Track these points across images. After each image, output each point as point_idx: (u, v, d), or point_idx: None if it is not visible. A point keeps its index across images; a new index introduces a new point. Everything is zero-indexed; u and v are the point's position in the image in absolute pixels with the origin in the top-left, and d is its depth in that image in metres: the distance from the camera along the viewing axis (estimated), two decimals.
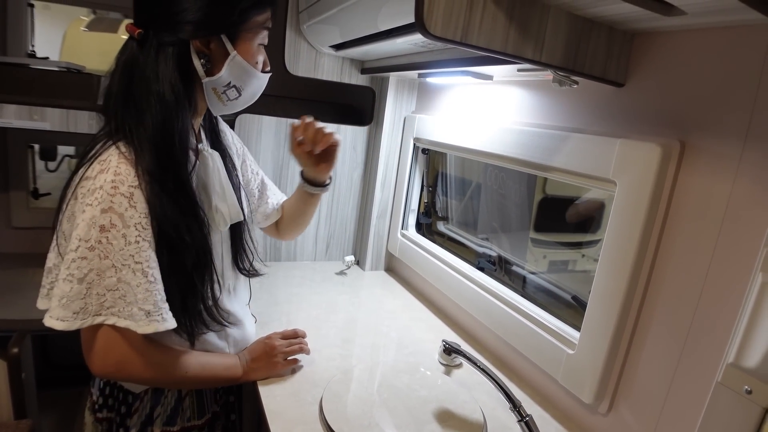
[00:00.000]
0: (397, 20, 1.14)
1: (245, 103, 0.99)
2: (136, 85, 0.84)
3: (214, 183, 0.97)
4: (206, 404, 1.05)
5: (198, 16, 0.84)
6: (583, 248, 1.44)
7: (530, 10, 0.83)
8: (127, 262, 0.80)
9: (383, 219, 1.89)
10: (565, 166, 1.05)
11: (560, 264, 1.51)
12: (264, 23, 0.92)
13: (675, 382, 0.86)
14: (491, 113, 1.37)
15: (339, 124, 1.85)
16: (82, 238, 0.78)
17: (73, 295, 0.79)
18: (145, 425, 0.99)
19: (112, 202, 0.78)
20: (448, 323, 1.52)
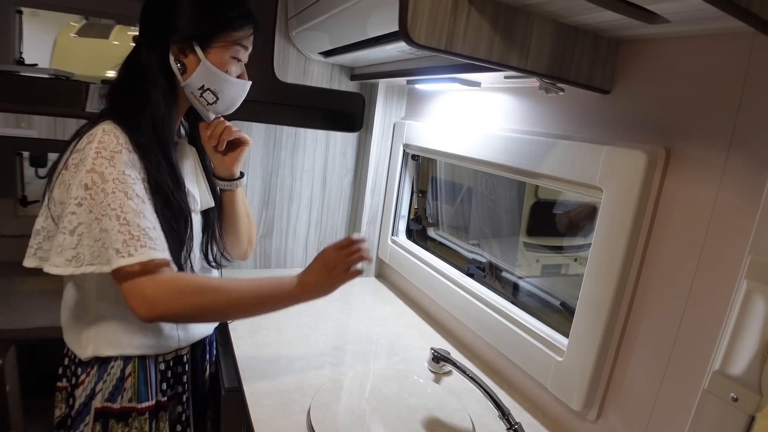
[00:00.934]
0: (385, 27, 1.14)
1: (227, 107, 1.11)
2: (132, 80, 1.00)
3: (187, 170, 1.10)
4: (149, 390, 1.07)
5: (174, 26, 1.00)
6: (576, 252, 1.45)
7: (515, 17, 0.83)
8: (105, 212, 0.89)
9: (373, 225, 1.89)
10: (552, 172, 1.05)
11: (553, 268, 1.52)
12: (238, 40, 1.04)
13: (663, 389, 0.86)
14: (479, 120, 1.37)
15: (329, 131, 1.85)
16: (73, 197, 0.90)
17: (66, 245, 0.90)
18: (89, 398, 1.04)
19: (94, 164, 0.90)
20: (438, 330, 1.52)
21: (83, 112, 1.92)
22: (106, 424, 1.04)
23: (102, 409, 1.03)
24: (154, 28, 1.02)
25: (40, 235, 0.96)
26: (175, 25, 1.00)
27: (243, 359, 1.21)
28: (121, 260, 0.88)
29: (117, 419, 1.04)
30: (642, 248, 0.90)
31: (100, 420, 1.04)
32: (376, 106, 1.78)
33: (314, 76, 1.79)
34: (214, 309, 0.97)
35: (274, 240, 1.86)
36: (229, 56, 1.04)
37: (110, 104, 1.01)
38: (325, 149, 1.85)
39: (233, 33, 1.03)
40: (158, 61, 1.01)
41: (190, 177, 1.10)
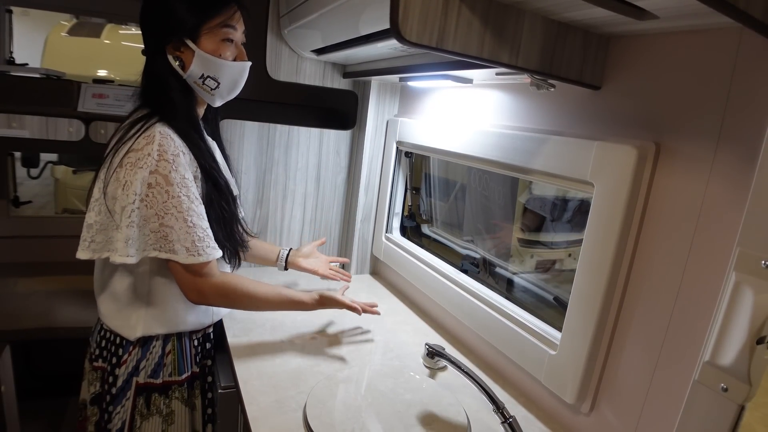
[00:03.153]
0: (377, 25, 1.14)
1: (230, 90, 1.17)
2: (152, 87, 1.12)
3: (218, 160, 1.21)
4: (185, 364, 1.22)
5: (162, 30, 1.08)
6: (569, 247, 1.46)
7: (505, 15, 0.83)
8: (169, 211, 1.03)
9: (368, 223, 1.89)
10: (544, 168, 1.06)
11: (547, 263, 1.53)
12: (222, 22, 1.09)
13: (654, 380, 0.87)
14: (472, 116, 1.38)
15: (322, 129, 1.85)
16: (137, 194, 1.01)
17: (133, 236, 1.03)
18: (132, 375, 1.16)
19: (158, 166, 1.02)
20: (433, 326, 1.53)
21: (75, 111, 1.92)
22: (149, 398, 1.17)
23: (145, 384, 1.17)
24: (150, 37, 1.11)
25: (93, 229, 1.06)
26: (163, 28, 1.08)
27: (238, 357, 1.22)
28: (191, 258, 1.06)
29: (159, 392, 1.18)
30: (633, 242, 0.91)
31: (143, 394, 1.17)
32: (369, 103, 1.78)
33: (307, 74, 1.79)
34: (248, 307, 1.25)
35: (268, 238, 1.86)
36: (220, 39, 1.10)
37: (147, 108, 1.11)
38: (318, 147, 1.86)
39: (216, 16, 1.09)
40: (163, 65, 1.10)
41: (221, 163, 1.24)
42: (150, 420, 1.18)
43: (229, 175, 1.27)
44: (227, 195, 1.18)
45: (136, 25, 2.71)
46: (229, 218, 1.19)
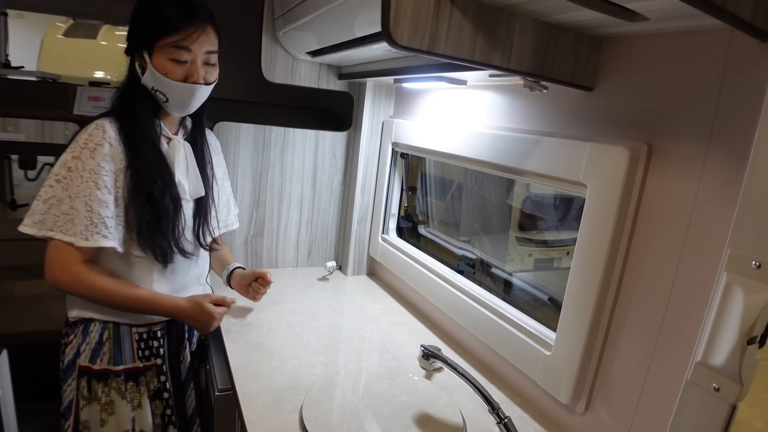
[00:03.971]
0: (371, 27, 1.14)
1: (178, 107, 1.20)
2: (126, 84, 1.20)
3: (179, 162, 1.24)
4: (122, 355, 1.23)
5: (130, 38, 1.17)
6: (568, 246, 1.46)
7: (497, 17, 0.84)
8: (79, 196, 1.09)
9: (364, 224, 1.89)
10: (537, 169, 1.07)
11: (546, 262, 1.53)
12: (173, 42, 1.12)
13: (648, 380, 0.88)
14: (466, 117, 1.38)
15: (318, 130, 1.86)
16: (54, 173, 1.10)
17: (37, 210, 1.10)
18: (75, 356, 1.22)
19: (81, 152, 1.10)
20: (429, 327, 1.53)
21: (71, 114, 1.92)
22: (90, 382, 1.21)
23: (85, 368, 1.21)
24: (128, 40, 1.19)
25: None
26: (132, 36, 1.17)
27: (235, 360, 1.22)
28: (81, 241, 1.10)
29: (97, 379, 1.21)
30: (626, 242, 0.91)
31: (84, 378, 1.21)
32: (365, 104, 1.79)
33: (302, 76, 1.79)
34: (103, 303, 1.18)
35: (264, 240, 1.86)
36: (167, 59, 1.13)
37: (112, 103, 1.20)
38: (314, 149, 1.86)
39: (169, 36, 1.11)
40: (131, 68, 1.18)
41: (181, 169, 1.24)
42: (91, 405, 1.22)
43: (192, 178, 1.27)
44: (155, 196, 1.17)
45: None
46: (153, 218, 1.17)
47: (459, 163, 1.40)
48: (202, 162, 1.32)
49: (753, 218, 0.65)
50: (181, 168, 1.25)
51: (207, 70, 1.19)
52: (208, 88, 1.21)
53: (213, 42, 1.18)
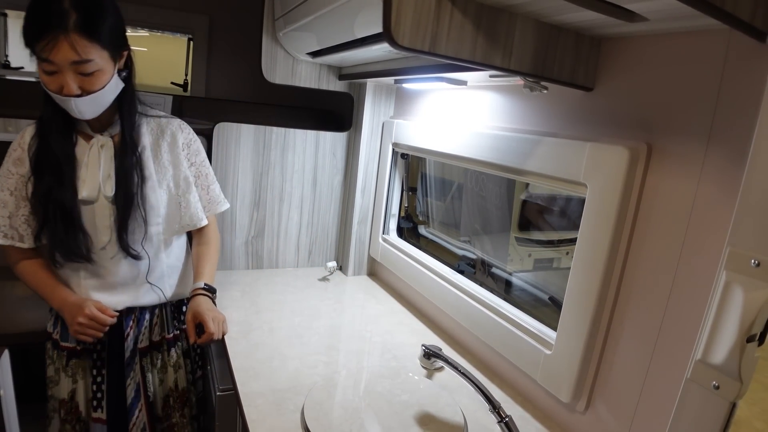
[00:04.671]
0: (371, 28, 1.15)
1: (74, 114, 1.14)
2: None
3: (88, 161, 1.23)
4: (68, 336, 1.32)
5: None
6: (568, 245, 1.47)
7: (497, 18, 0.84)
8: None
9: (364, 224, 1.90)
10: (537, 169, 1.07)
11: (546, 262, 1.54)
12: (38, 53, 1.06)
13: (648, 379, 0.88)
14: (466, 118, 1.39)
15: (318, 131, 1.86)
16: None
17: None
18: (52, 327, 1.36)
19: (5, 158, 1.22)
20: (430, 327, 1.53)
21: None
22: (53, 346, 1.35)
23: (49, 332, 1.36)
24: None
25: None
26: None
27: (236, 360, 1.22)
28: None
29: (53, 345, 1.35)
30: (626, 242, 0.92)
31: (49, 341, 1.36)
32: (365, 105, 1.79)
33: (302, 77, 1.79)
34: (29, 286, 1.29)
35: (265, 241, 1.87)
36: (41, 69, 1.08)
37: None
38: (315, 149, 1.86)
39: (34, 46, 1.05)
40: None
41: (91, 168, 1.23)
42: (54, 365, 1.36)
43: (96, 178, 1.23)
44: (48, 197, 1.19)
45: (132, 27, 2.72)
46: (48, 218, 1.20)
47: (459, 163, 1.41)
48: (123, 161, 1.24)
49: (752, 217, 0.66)
50: (92, 168, 1.23)
51: (83, 80, 1.09)
52: (98, 97, 1.12)
53: (81, 51, 1.05)
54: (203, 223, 1.40)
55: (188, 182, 1.37)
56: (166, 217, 1.35)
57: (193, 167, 1.39)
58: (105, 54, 1.10)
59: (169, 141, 1.34)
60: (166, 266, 1.39)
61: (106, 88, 1.13)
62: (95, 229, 1.25)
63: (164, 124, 1.34)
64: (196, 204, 1.39)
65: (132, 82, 1.25)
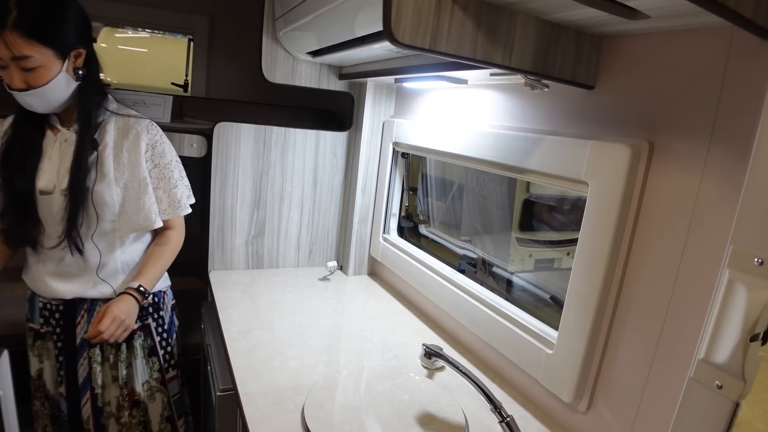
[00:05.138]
0: (371, 27, 1.14)
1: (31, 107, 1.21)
2: None
3: (51, 153, 1.30)
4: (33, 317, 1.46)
5: None
6: (569, 246, 1.46)
7: (498, 15, 0.84)
8: None
9: (365, 224, 1.89)
10: (539, 168, 1.07)
11: (546, 262, 1.53)
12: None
13: (651, 378, 0.88)
14: (467, 117, 1.38)
15: (319, 130, 1.86)
16: None
17: None
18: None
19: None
20: (431, 326, 1.53)
21: None
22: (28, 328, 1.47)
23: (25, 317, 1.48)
24: None
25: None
26: None
27: (236, 360, 1.22)
28: None
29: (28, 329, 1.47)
30: (628, 240, 0.91)
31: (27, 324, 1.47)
32: (365, 104, 1.79)
33: (303, 76, 1.79)
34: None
35: (266, 240, 1.86)
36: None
37: None
38: (315, 149, 1.86)
39: None
40: None
41: (52, 161, 1.29)
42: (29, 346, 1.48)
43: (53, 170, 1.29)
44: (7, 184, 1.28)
45: (133, 28, 2.72)
46: (7, 207, 1.29)
47: (461, 162, 1.40)
48: (79, 156, 1.26)
49: (755, 215, 0.65)
50: (53, 160, 1.29)
51: (27, 75, 1.14)
52: (42, 92, 1.17)
53: (15, 48, 1.10)
54: (156, 225, 1.39)
55: (145, 183, 1.36)
56: (120, 216, 1.36)
57: (156, 169, 1.38)
58: (48, 51, 1.15)
59: (131, 141, 1.34)
60: (120, 263, 1.40)
61: (50, 85, 1.17)
62: (50, 219, 1.31)
63: (131, 124, 1.35)
64: (151, 206, 1.37)
65: (93, 81, 1.28)
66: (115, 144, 1.32)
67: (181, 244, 1.49)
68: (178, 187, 1.43)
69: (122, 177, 1.33)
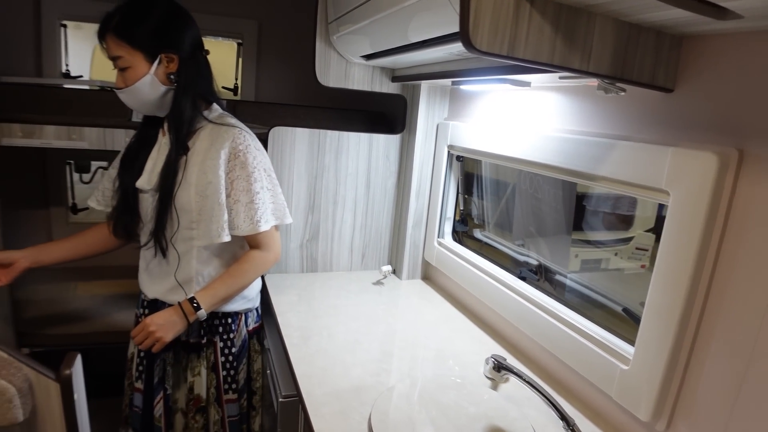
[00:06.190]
0: (428, 32, 1.12)
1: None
2: None
3: (154, 154, 1.37)
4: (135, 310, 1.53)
5: None
6: (617, 246, 1.42)
7: (576, 18, 0.80)
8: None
9: (419, 228, 1.88)
10: (612, 174, 1.02)
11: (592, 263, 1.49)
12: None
13: (740, 400, 0.83)
14: (529, 120, 1.34)
15: (371, 133, 1.85)
16: None
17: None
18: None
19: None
20: (490, 333, 1.50)
21: (129, 121, 1.96)
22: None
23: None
24: None
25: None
26: None
27: (299, 366, 1.22)
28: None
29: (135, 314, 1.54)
30: (714, 253, 0.86)
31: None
32: (419, 107, 1.76)
33: (355, 79, 1.78)
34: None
35: (320, 244, 1.87)
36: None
37: None
38: (368, 152, 1.85)
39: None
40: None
41: (153, 160, 1.36)
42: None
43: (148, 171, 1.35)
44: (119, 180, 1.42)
45: None
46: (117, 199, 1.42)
47: (522, 166, 1.36)
48: (168, 159, 1.31)
49: None
50: (152, 161, 1.36)
51: (122, 75, 1.26)
52: (131, 90, 1.26)
53: (114, 49, 1.23)
54: (222, 239, 1.32)
55: (218, 193, 1.31)
56: (198, 224, 1.35)
57: (238, 180, 1.33)
58: (136, 53, 1.24)
59: (216, 148, 1.31)
60: (195, 272, 1.39)
61: (137, 85, 1.25)
62: (145, 217, 1.40)
63: (221, 132, 1.33)
64: (221, 218, 1.32)
65: (187, 86, 1.30)
66: (203, 151, 1.33)
67: (267, 266, 1.43)
68: (259, 201, 1.35)
69: (202, 184, 1.32)
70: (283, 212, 1.44)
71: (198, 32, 1.35)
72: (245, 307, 1.48)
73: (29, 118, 1.76)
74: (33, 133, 1.78)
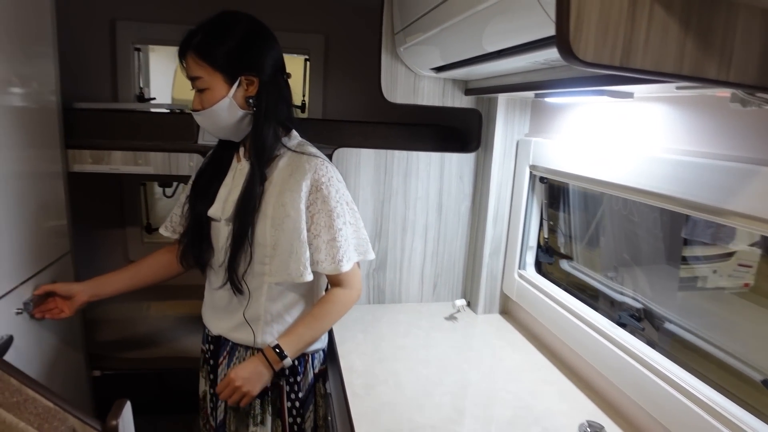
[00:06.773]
0: (509, 39, 0.95)
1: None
2: None
3: (228, 181, 1.30)
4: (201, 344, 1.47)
5: None
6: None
7: (712, 13, 0.61)
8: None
9: (497, 257, 1.68)
10: (750, 210, 0.80)
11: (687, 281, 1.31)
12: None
13: None
14: (631, 138, 1.13)
15: (443, 152, 1.68)
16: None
17: None
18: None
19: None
20: (582, 387, 1.27)
21: (195, 144, 1.92)
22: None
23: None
24: None
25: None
26: None
27: (361, 422, 1.07)
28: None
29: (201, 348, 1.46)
30: None
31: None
32: (496, 122, 1.58)
33: (425, 94, 1.63)
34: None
35: (387, 273, 1.72)
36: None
37: None
38: (440, 173, 1.68)
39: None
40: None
41: (228, 187, 1.29)
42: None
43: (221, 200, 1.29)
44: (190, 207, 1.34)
45: None
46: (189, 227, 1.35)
47: (621, 193, 1.15)
48: (247, 188, 1.22)
49: None
50: (226, 189, 1.29)
51: (199, 96, 1.20)
52: (208, 114, 1.19)
53: (194, 68, 1.17)
54: (305, 279, 1.22)
55: (299, 228, 1.22)
56: (272, 259, 1.24)
57: (319, 215, 1.23)
58: (217, 75, 1.16)
59: (296, 179, 1.22)
60: (264, 310, 1.28)
61: (214, 108, 1.17)
62: (217, 247, 1.31)
63: (302, 162, 1.23)
64: (302, 255, 1.22)
65: (268, 112, 1.21)
66: (281, 181, 1.23)
67: (350, 304, 1.33)
68: (341, 238, 1.24)
69: (279, 217, 1.22)
70: (365, 248, 1.34)
71: (280, 54, 1.25)
72: (314, 348, 1.36)
73: (99, 144, 1.76)
74: (102, 159, 1.79)
